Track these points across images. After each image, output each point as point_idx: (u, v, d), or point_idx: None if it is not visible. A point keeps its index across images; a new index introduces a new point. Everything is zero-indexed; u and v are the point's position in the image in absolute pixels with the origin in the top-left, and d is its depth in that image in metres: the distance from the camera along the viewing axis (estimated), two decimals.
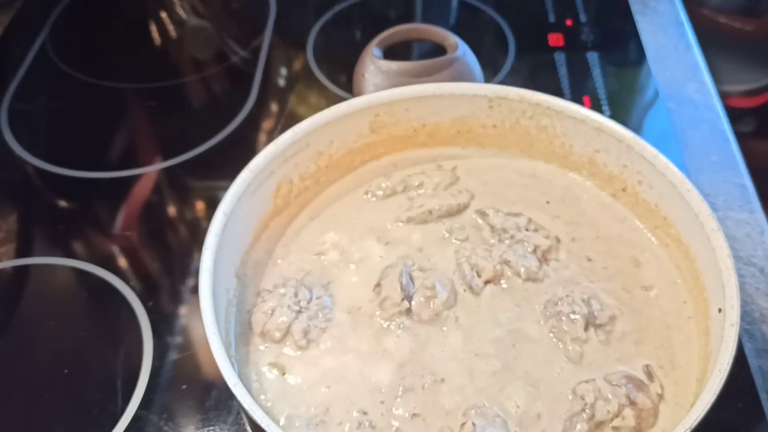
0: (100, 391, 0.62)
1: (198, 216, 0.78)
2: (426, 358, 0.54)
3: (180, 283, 0.70)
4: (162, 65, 0.98)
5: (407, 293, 0.57)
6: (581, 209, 0.64)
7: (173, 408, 0.60)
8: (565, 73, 0.91)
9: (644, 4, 1.03)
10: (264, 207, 0.62)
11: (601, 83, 0.89)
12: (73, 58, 0.96)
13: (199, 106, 0.94)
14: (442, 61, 0.72)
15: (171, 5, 1.07)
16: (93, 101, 0.92)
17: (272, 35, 0.99)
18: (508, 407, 0.51)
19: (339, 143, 0.66)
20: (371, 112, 0.66)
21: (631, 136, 0.60)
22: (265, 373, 0.54)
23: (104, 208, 0.79)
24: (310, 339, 0.55)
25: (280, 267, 0.61)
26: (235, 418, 0.60)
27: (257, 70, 0.94)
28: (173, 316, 0.67)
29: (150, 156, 0.84)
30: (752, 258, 0.72)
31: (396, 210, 0.64)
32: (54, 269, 0.72)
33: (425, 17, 1.04)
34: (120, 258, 0.73)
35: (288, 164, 0.63)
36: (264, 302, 0.57)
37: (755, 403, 0.60)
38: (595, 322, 0.55)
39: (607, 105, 0.86)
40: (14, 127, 0.87)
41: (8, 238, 0.76)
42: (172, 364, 0.63)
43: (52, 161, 0.83)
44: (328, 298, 0.58)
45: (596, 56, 0.93)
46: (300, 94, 0.91)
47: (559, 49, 0.95)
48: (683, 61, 0.94)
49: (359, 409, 0.51)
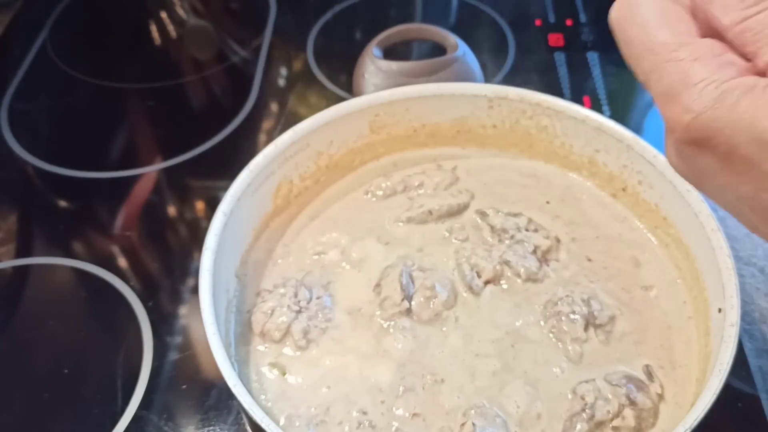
0: (100, 391, 0.62)
1: (198, 216, 0.78)
2: (426, 358, 0.54)
3: (180, 283, 0.70)
4: (162, 65, 0.98)
5: (407, 293, 0.57)
6: (581, 209, 0.64)
7: (173, 408, 0.60)
8: (565, 73, 0.91)
9: None
10: (264, 207, 0.62)
11: (601, 83, 0.89)
12: (73, 58, 0.96)
13: (199, 106, 0.94)
14: (442, 61, 0.72)
15: (171, 5, 1.07)
16: (93, 101, 0.92)
17: (272, 35, 0.99)
18: (508, 407, 0.51)
19: (339, 143, 0.66)
20: (371, 112, 0.66)
21: (631, 136, 0.60)
22: (265, 373, 0.54)
23: (104, 208, 0.79)
24: (310, 339, 0.55)
25: (280, 267, 0.61)
26: (235, 418, 0.60)
27: (257, 70, 0.94)
28: (173, 316, 0.67)
29: (150, 156, 0.84)
30: (752, 258, 0.72)
31: (396, 210, 0.64)
32: (54, 269, 0.72)
33: (425, 17, 1.04)
34: (120, 258, 0.73)
35: (288, 164, 0.63)
36: (264, 302, 0.57)
37: (755, 403, 0.60)
38: (595, 322, 0.55)
39: (607, 105, 0.86)
40: (14, 127, 0.87)
41: (8, 238, 0.76)
42: (172, 364, 0.63)
43: (52, 161, 0.83)
44: (328, 298, 0.58)
45: (596, 56, 0.93)
46: (300, 94, 0.91)
47: (559, 49, 0.95)
48: None
49: (359, 409, 0.51)
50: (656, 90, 0.30)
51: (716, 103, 0.28)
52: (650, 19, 0.31)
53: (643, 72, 0.31)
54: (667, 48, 0.30)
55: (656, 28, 0.31)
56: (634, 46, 0.32)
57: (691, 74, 0.29)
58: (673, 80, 0.30)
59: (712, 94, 0.28)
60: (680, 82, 0.29)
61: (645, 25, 0.31)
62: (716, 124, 0.28)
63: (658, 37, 0.31)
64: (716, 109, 0.28)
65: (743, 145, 0.28)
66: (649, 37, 0.31)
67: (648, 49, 0.31)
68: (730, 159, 0.29)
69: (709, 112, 0.28)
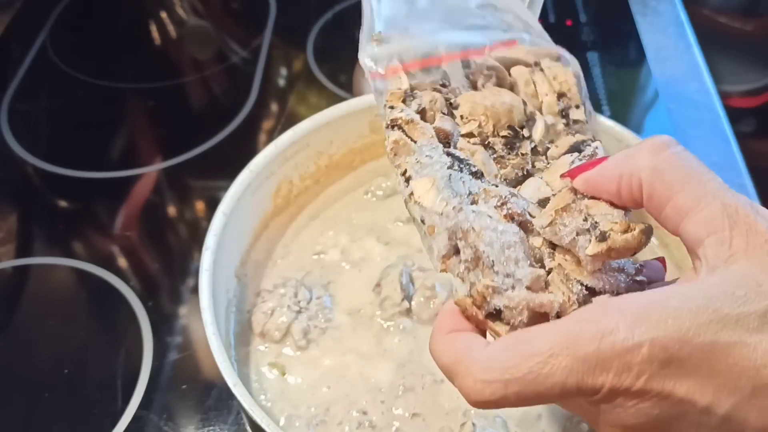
0: (100, 391, 0.62)
1: (198, 216, 0.78)
2: (426, 358, 0.54)
3: (180, 283, 0.70)
4: (162, 65, 0.98)
5: (407, 293, 0.57)
6: None
7: (173, 408, 0.60)
8: None
9: (644, 4, 1.03)
10: (264, 207, 0.62)
11: (601, 83, 0.89)
12: (73, 58, 0.96)
13: (199, 106, 0.94)
14: None
15: (171, 5, 1.07)
16: (93, 101, 0.92)
17: (272, 35, 0.99)
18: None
19: (339, 143, 0.66)
20: (371, 112, 0.66)
21: (632, 136, 0.60)
22: (265, 373, 0.54)
23: (104, 208, 0.79)
24: (310, 339, 0.55)
25: (280, 267, 0.61)
26: (235, 418, 0.60)
27: (257, 70, 0.93)
28: (173, 316, 0.67)
29: (150, 156, 0.84)
30: None
31: (396, 210, 0.64)
32: (54, 269, 0.72)
33: None
34: (120, 258, 0.73)
35: (288, 164, 0.63)
36: (264, 302, 0.57)
37: None
38: None
39: (607, 105, 0.86)
40: (14, 127, 0.87)
41: (8, 238, 0.76)
42: (172, 364, 0.63)
43: (52, 161, 0.83)
44: (328, 298, 0.58)
45: (596, 56, 0.93)
46: (300, 94, 0.91)
47: None
48: (683, 61, 0.94)
49: (359, 409, 0.51)
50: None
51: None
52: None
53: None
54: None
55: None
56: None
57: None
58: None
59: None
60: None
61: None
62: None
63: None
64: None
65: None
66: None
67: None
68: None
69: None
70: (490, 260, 0.32)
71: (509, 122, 0.41)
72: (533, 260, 0.33)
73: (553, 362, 0.28)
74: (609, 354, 0.27)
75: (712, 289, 0.28)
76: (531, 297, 0.31)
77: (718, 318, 0.27)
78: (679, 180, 0.30)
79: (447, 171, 0.37)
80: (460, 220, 0.34)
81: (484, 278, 0.32)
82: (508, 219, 0.34)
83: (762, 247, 0.28)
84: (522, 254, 0.33)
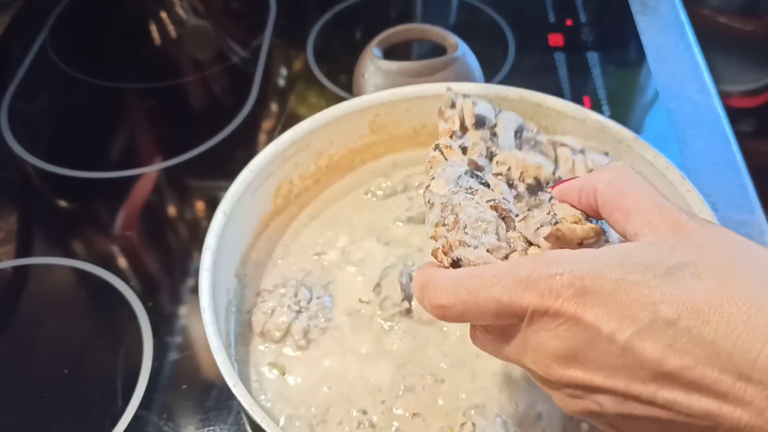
0: (100, 391, 0.62)
1: (198, 216, 0.78)
2: (426, 358, 0.54)
3: (180, 283, 0.70)
4: (162, 65, 0.98)
5: (407, 293, 0.57)
6: None
7: (173, 408, 0.60)
8: (565, 73, 0.91)
9: (644, 4, 1.03)
10: (264, 207, 0.62)
11: (601, 83, 0.89)
12: (73, 58, 0.96)
13: (199, 106, 0.94)
14: (442, 61, 0.72)
15: (171, 5, 1.07)
16: (93, 101, 0.92)
17: (272, 35, 0.99)
18: (508, 407, 0.51)
19: (339, 143, 0.66)
20: (371, 112, 0.66)
21: (631, 136, 0.60)
22: (265, 373, 0.54)
23: (104, 208, 0.79)
24: (310, 339, 0.55)
25: (280, 267, 0.61)
26: (235, 418, 0.60)
27: (257, 70, 0.94)
28: (173, 316, 0.67)
29: (150, 156, 0.84)
30: None
31: (396, 210, 0.64)
32: (54, 269, 0.72)
33: (425, 17, 1.04)
34: (120, 258, 0.73)
35: (288, 164, 0.63)
36: (264, 302, 0.57)
37: None
38: None
39: (607, 105, 0.86)
40: (14, 127, 0.87)
41: (8, 238, 0.76)
42: (172, 364, 0.63)
43: (52, 161, 0.83)
44: (328, 298, 0.58)
45: (596, 56, 0.93)
46: (300, 94, 0.91)
47: (559, 49, 0.95)
48: (683, 61, 0.94)
49: (359, 409, 0.51)
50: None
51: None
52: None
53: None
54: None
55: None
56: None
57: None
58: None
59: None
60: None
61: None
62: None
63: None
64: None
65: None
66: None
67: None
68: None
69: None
70: (463, 224, 0.39)
71: (536, 175, 0.49)
72: (505, 242, 0.39)
73: (495, 281, 0.34)
74: (536, 278, 0.33)
75: (631, 248, 0.33)
76: (488, 257, 0.38)
77: (631, 264, 0.32)
78: (627, 189, 0.36)
79: (460, 173, 0.44)
80: (452, 197, 0.41)
81: (456, 235, 0.39)
82: (492, 209, 0.40)
83: (683, 229, 0.33)
84: (492, 230, 0.39)
